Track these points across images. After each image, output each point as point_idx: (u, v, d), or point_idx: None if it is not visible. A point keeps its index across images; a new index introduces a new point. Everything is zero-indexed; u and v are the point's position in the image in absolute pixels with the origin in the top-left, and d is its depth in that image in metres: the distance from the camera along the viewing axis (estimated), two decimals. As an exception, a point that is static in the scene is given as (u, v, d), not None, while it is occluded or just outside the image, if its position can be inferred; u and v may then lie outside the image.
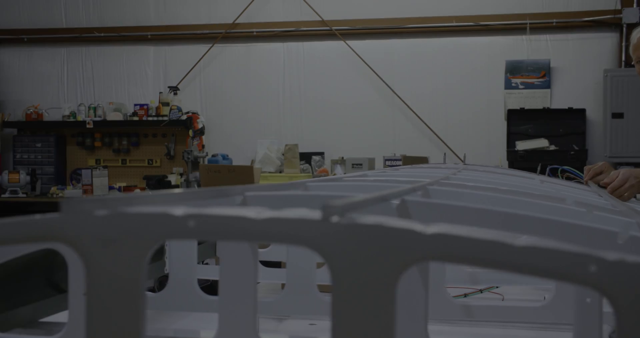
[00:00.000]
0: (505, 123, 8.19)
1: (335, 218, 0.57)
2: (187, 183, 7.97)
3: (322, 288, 1.60)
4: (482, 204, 1.07)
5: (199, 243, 1.57)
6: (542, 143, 7.75)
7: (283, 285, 2.23)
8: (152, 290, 2.11)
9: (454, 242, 0.56)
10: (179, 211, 0.59)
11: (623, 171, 2.72)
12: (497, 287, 2.23)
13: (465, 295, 2.19)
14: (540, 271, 0.56)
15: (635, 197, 2.92)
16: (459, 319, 1.46)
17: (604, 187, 2.77)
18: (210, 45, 9.09)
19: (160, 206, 0.61)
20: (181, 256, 1.25)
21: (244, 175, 5.13)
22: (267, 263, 2.03)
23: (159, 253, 1.70)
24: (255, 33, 9.01)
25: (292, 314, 1.68)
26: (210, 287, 2.01)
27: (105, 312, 0.60)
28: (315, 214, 0.55)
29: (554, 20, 8.23)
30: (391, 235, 0.57)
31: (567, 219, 0.95)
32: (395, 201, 0.91)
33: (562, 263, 0.56)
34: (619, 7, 8.05)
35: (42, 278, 1.24)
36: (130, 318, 0.60)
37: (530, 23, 8.26)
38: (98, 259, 0.60)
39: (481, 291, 2.21)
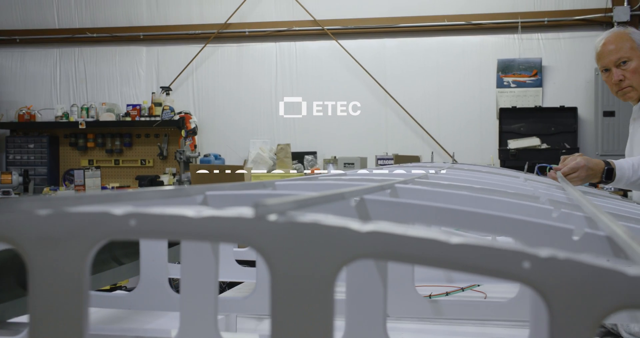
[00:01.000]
0: (497, 122, 8.20)
1: (272, 216, 0.57)
2: (180, 183, 7.97)
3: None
4: (448, 203, 1.07)
5: (174, 244, 1.57)
6: (534, 141, 7.76)
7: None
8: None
9: (389, 240, 0.56)
10: (120, 210, 0.60)
11: (578, 160, 2.72)
12: (478, 285, 2.23)
13: (447, 293, 2.19)
14: (475, 269, 0.57)
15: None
16: (427, 317, 1.46)
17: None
18: (203, 45, 9.09)
19: (102, 206, 0.61)
20: (152, 255, 1.26)
21: (234, 175, 5.14)
22: (249, 263, 2.04)
23: (137, 253, 1.70)
24: (247, 33, 9.01)
25: (264, 313, 1.68)
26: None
27: (47, 312, 0.60)
28: (251, 212, 0.56)
29: (545, 18, 8.25)
30: (327, 233, 0.57)
31: (530, 217, 0.96)
32: (356, 199, 0.92)
33: (496, 260, 0.56)
34: (609, 5, 8.07)
35: (12, 278, 1.24)
36: (73, 318, 0.60)
37: (521, 22, 8.27)
38: (40, 259, 0.61)
39: (463, 289, 2.21)
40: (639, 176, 2.82)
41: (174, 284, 1.63)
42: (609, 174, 2.79)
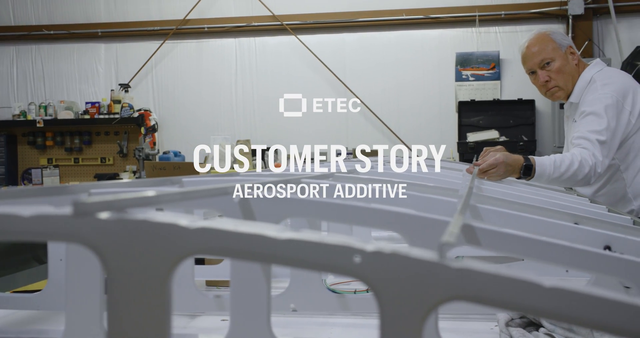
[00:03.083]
0: (456, 115, 8.25)
1: (103, 214, 0.57)
2: (139, 181, 7.90)
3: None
4: (348, 199, 1.07)
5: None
6: (492, 134, 7.82)
7: (207, 282, 2.23)
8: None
9: (217, 236, 0.56)
10: (-49, 210, 0.58)
11: (497, 156, 2.72)
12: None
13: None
14: (307, 264, 0.57)
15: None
16: (334, 312, 1.46)
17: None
18: (162, 41, 9.02)
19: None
20: (58, 255, 1.24)
21: (189, 172, 5.11)
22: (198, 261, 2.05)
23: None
24: (206, 29, 8.96)
25: (197, 311, 1.69)
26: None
27: None
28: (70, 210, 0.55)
29: (503, 12, 8.31)
30: (157, 230, 0.56)
31: (421, 211, 0.96)
32: (239, 196, 0.91)
33: (327, 255, 0.56)
34: (565, -2, 8.16)
35: (29, 254, 1.27)
36: None
37: (479, 15, 8.33)
38: None
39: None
40: (560, 172, 2.83)
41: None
42: (527, 170, 2.80)
